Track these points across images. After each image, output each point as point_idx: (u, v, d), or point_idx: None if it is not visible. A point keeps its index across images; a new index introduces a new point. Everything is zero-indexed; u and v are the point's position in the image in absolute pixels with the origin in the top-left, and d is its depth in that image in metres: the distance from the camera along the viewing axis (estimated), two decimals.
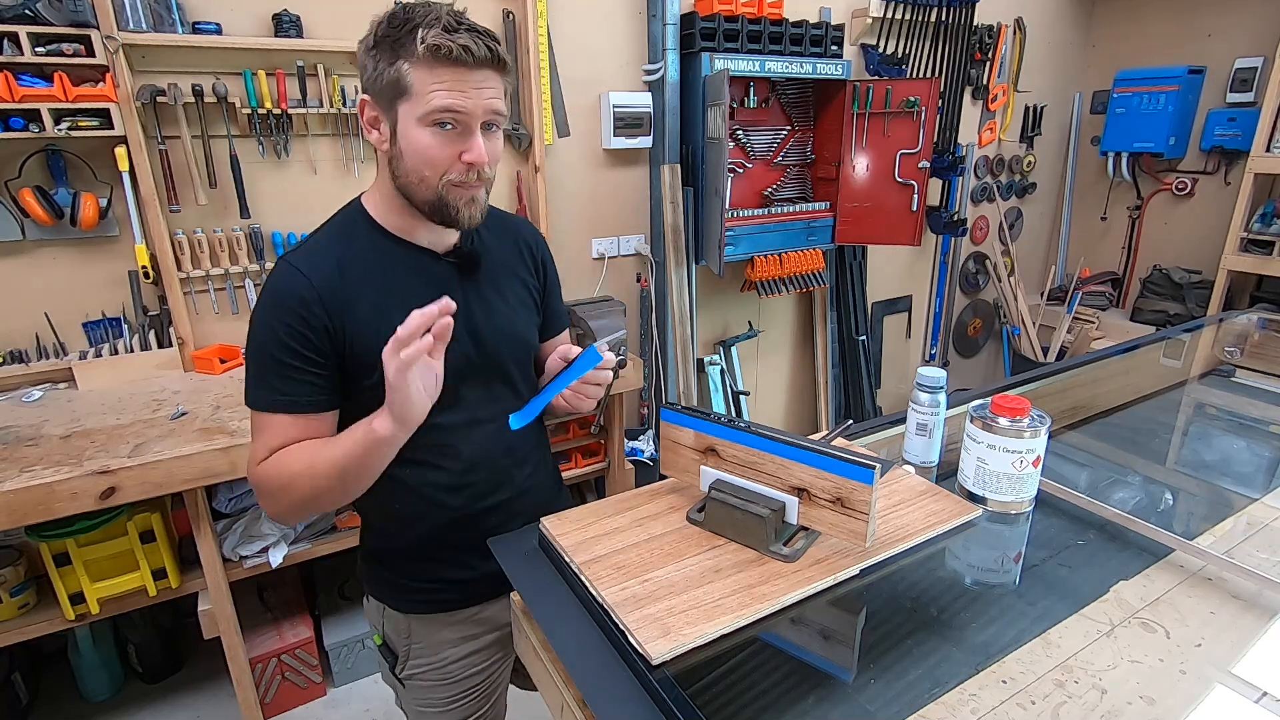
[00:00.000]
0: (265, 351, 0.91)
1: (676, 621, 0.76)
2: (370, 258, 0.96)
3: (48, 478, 1.43)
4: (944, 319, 3.78)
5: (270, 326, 0.90)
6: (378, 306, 0.94)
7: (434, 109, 0.85)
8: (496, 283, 1.06)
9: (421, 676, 1.15)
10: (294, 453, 0.91)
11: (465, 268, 1.02)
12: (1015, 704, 0.70)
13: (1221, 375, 1.71)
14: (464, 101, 0.86)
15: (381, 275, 0.96)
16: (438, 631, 1.13)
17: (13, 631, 1.62)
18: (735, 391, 3.00)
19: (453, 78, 0.85)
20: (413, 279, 0.97)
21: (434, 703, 1.17)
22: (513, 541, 1.00)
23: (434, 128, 0.87)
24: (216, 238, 1.96)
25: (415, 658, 1.14)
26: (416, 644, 1.14)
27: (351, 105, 2.02)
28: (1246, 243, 3.07)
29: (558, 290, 1.20)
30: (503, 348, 1.05)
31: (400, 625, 1.13)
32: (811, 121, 2.85)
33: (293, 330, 0.90)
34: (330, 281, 0.92)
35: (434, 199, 0.91)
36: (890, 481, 1.07)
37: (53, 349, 1.86)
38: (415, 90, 0.85)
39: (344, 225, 1.00)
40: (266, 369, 0.91)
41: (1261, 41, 3.18)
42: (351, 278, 0.94)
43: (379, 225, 0.98)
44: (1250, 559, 0.92)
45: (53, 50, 1.65)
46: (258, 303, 0.93)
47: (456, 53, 0.83)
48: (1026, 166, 3.78)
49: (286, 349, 0.90)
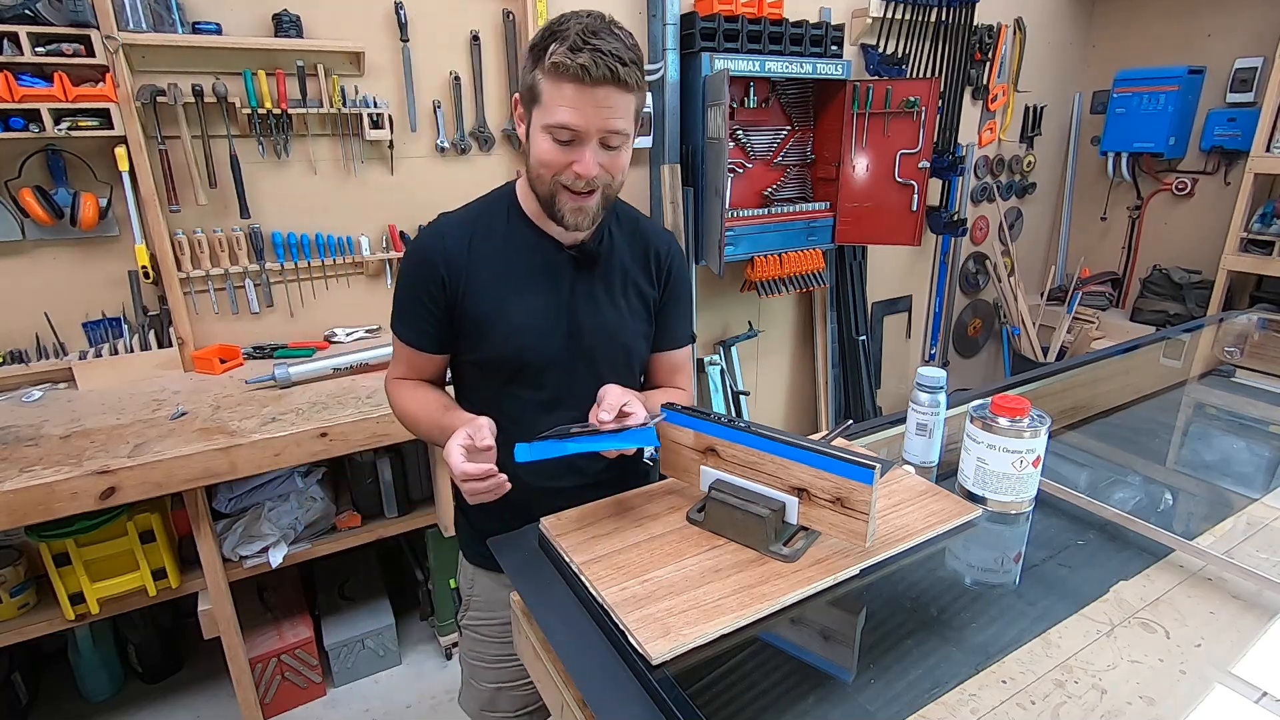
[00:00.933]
0: (402, 292, 1.09)
1: (676, 621, 0.76)
2: (500, 237, 1.08)
3: (48, 478, 1.43)
4: (944, 319, 3.78)
5: (408, 274, 1.08)
6: (496, 280, 1.06)
7: (552, 123, 0.93)
8: (610, 284, 1.12)
9: (477, 629, 1.26)
10: (414, 394, 1.12)
11: (582, 262, 1.09)
12: (1015, 704, 0.70)
13: (1221, 375, 1.71)
14: (578, 119, 0.92)
15: (506, 255, 1.07)
16: (495, 590, 1.22)
17: (13, 631, 1.62)
18: (735, 391, 3.00)
19: (575, 94, 0.91)
20: (533, 262, 1.08)
21: (482, 656, 1.26)
22: (513, 541, 1.00)
23: (551, 135, 0.94)
24: (216, 238, 1.96)
25: (474, 609, 1.26)
26: (477, 596, 1.25)
27: (351, 105, 2.02)
28: (1246, 243, 3.07)
29: (680, 306, 1.21)
30: (598, 345, 1.11)
31: (468, 573, 1.27)
32: (811, 121, 2.85)
33: (420, 282, 1.06)
34: (459, 251, 1.05)
35: (547, 197, 1.00)
36: (890, 481, 1.07)
37: (53, 349, 1.86)
38: (544, 100, 0.94)
39: (492, 202, 1.11)
40: (401, 306, 1.10)
41: (1261, 41, 3.18)
42: (479, 252, 1.06)
43: (520, 208, 1.09)
44: (1250, 559, 0.92)
45: (53, 50, 1.65)
46: (406, 249, 1.13)
47: (575, 70, 0.89)
48: (1026, 166, 3.78)
49: (413, 296, 1.07)
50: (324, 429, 1.68)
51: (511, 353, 1.07)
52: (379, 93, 2.09)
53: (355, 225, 2.16)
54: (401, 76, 2.12)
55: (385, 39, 2.08)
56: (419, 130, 2.18)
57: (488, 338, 1.07)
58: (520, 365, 1.08)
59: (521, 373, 1.09)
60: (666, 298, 1.18)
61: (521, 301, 1.06)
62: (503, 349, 1.07)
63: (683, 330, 1.23)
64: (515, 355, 1.07)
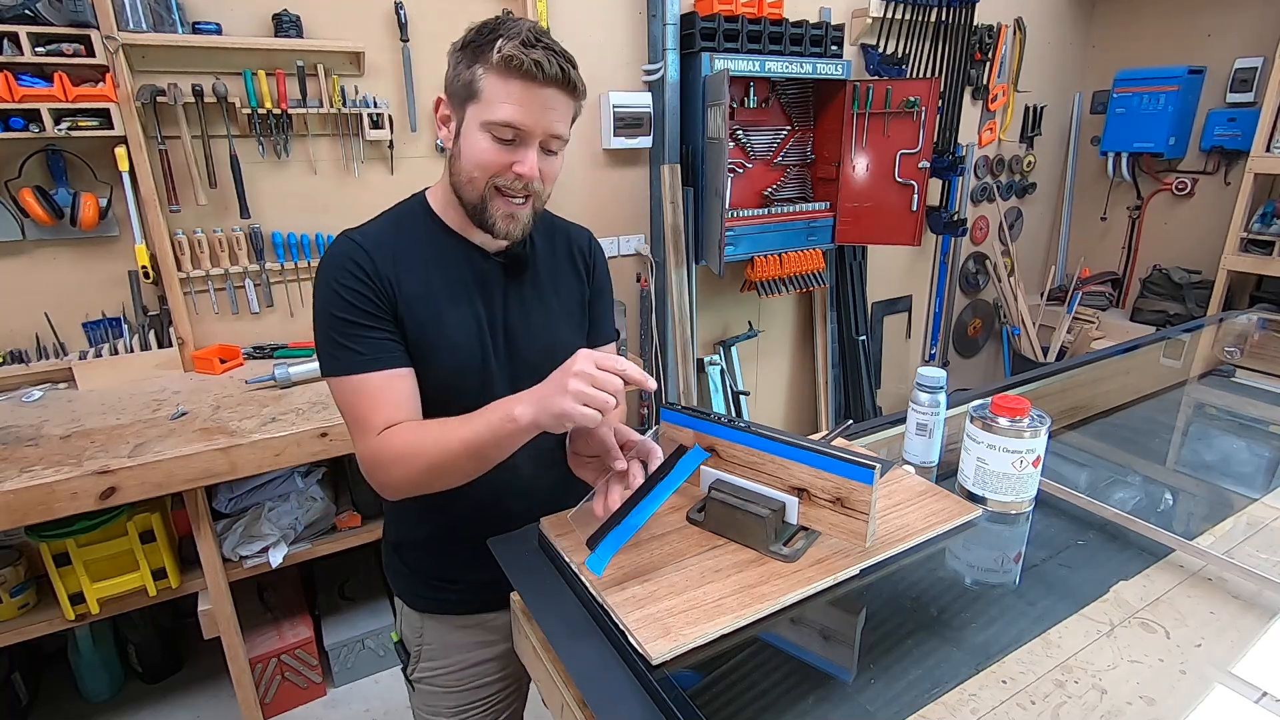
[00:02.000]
0: (333, 316, 0.91)
1: (676, 621, 0.76)
2: (423, 244, 0.99)
3: (48, 478, 1.43)
4: (944, 319, 3.78)
5: (334, 290, 0.91)
6: (425, 287, 0.96)
7: (496, 120, 0.88)
8: (540, 288, 1.07)
9: (431, 680, 1.15)
10: (420, 425, 0.91)
11: (511, 269, 1.03)
12: (1015, 704, 0.70)
13: (1221, 375, 1.71)
14: (525, 118, 0.88)
15: (432, 262, 0.98)
16: (448, 634, 1.13)
17: (13, 631, 1.62)
18: (735, 391, 3.00)
19: (522, 93, 0.87)
20: (460, 270, 1.00)
21: (441, 710, 1.16)
22: (513, 541, 1.00)
23: (490, 134, 0.89)
24: (216, 238, 1.96)
25: (426, 659, 1.14)
26: (428, 645, 1.14)
27: (351, 105, 2.02)
28: (1246, 243, 3.07)
29: (605, 298, 1.17)
30: (535, 352, 1.04)
31: (414, 623, 1.14)
32: (811, 121, 2.85)
33: (354, 290, 0.91)
34: (384, 253, 0.94)
35: (478, 201, 0.93)
36: (890, 481, 1.06)
37: (53, 349, 1.86)
38: (485, 97, 0.88)
39: (403, 214, 1.03)
40: (340, 333, 0.91)
41: (1261, 41, 3.18)
42: (403, 258, 0.96)
43: (437, 218, 1.01)
44: (1250, 559, 0.92)
45: (53, 50, 1.66)
46: (317, 278, 0.95)
47: (528, 66, 0.85)
48: (1026, 166, 3.78)
49: (353, 308, 0.91)
50: (324, 429, 1.68)
51: (453, 371, 0.98)
52: (379, 93, 2.09)
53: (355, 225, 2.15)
54: (401, 76, 2.12)
55: (385, 39, 2.08)
56: (419, 130, 2.18)
57: (427, 357, 0.96)
58: (461, 384, 0.99)
59: (463, 392, 0.98)
60: (594, 293, 1.14)
61: (456, 315, 0.98)
62: (443, 367, 0.97)
63: (609, 325, 1.18)
64: (457, 372, 0.98)
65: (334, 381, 0.93)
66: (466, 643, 1.13)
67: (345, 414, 0.94)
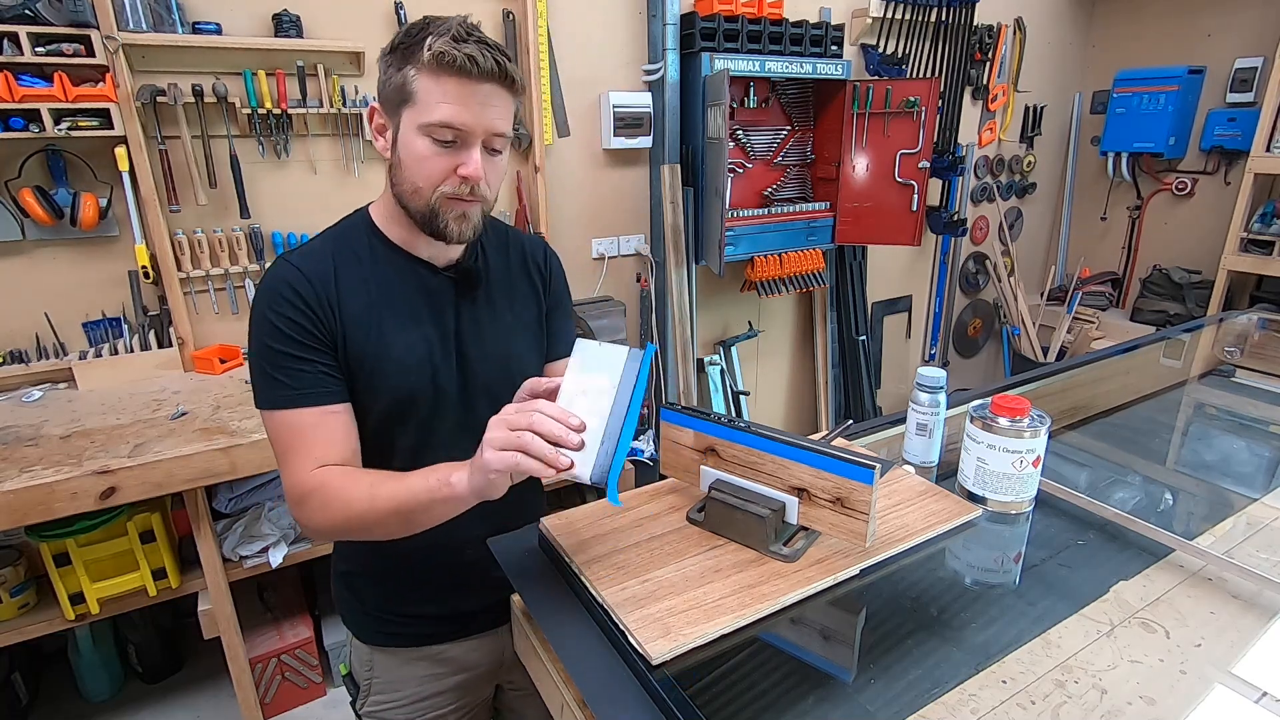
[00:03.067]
0: (267, 346, 0.88)
1: (676, 621, 0.76)
2: (367, 263, 0.94)
3: (48, 478, 1.43)
4: (944, 319, 3.78)
5: (268, 320, 0.87)
6: (370, 310, 0.92)
7: (434, 121, 0.83)
8: (494, 302, 1.03)
9: (382, 714, 1.11)
10: (351, 476, 0.86)
11: (463, 284, 0.99)
12: (1015, 704, 0.70)
13: (1221, 375, 1.71)
14: (464, 116, 0.84)
15: (377, 282, 0.94)
16: (399, 667, 1.09)
17: (13, 631, 1.62)
18: (735, 391, 3.00)
19: (457, 90, 0.83)
20: (408, 289, 0.96)
21: None
22: (513, 541, 1.00)
23: (429, 137, 0.85)
24: (216, 238, 1.96)
25: (376, 693, 1.11)
26: (378, 678, 1.10)
27: (351, 105, 2.02)
28: (1246, 243, 3.07)
29: (564, 310, 1.13)
30: (492, 372, 1.00)
31: (364, 656, 1.10)
32: (811, 121, 2.85)
33: (290, 320, 0.87)
34: (324, 277, 0.90)
35: (426, 210, 0.89)
36: (890, 481, 1.06)
37: (53, 349, 1.86)
38: (419, 98, 0.84)
39: (345, 231, 0.98)
40: (273, 365, 0.88)
41: (1261, 41, 3.18)
42: (345, 279, 0.92)
43: (381, 234, 0.97)
44: (1250, 559, 0.92)
45: (53, 50, 1.65)
46: (254, 304, 0.91)
47: (461, 61, 0.81)
48: (1026, 166, 3.78)
49: (289, 339, 0.87)
50: None
51: (402, 394, 0.94)
52: None
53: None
54: None
55: (385, 39, 2.05)
56: None
57: (371, 380, 0.92)
58: (411, 408, 0.95)
59: (413, 415, 0.94)
60: (552, 304, 1.11)
61: (404, 335, 0.93)
62: (391, 390, 0.93)
63: (569, 336, 1.12)
64: (408, 396, 0.94)
65: (265, 415, 0.89)
66: (418, 675, 1.10)
67: (275, 447, 0.90)
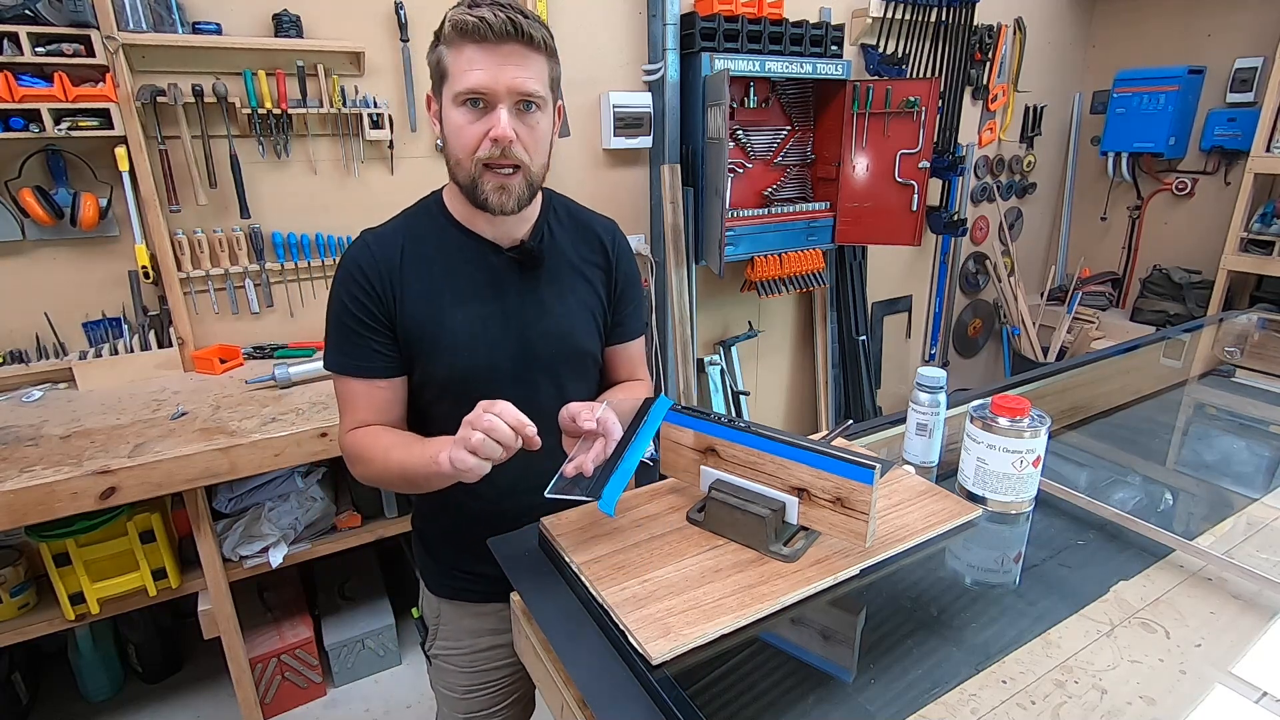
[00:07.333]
0: (337, 318, 0.99)
1: (676, 621, 0.76)
2: (432, 243, 1.01)
3: (48, 478, 1.43)
4: (944, 319, 3.78)
5: (339, 296, 0.98)
6: (431, 288, 0.99)
7: (460, 90, 0.88)
8: (558, 283, 1.05)
9: (446, 659, 1.20)
10: (376, 436, 0.98)
11: (526, 263, 1.02)
12: (1015, 704, 0.70)
13: (1221, 375, 1.71)
14: (485, 79, 0.87)
15: (440, 261, 1.00)
16: (462, 619, 1.17)
17: (13, 631, 1.62)
18: (735, 391, 3.00)
19: (476, 54, 0.86)
20: (470, 268, 1.01)
21: (454, 686, 1.21)
22: (513, 541, 1.00)
23: (463, 107, 0.89)
24: (216, 238, 1.96)
25: (441, 639, 1.20)
26: (443, 626, 1.19)
27: (351, 105, 2.02)
28: (1246, 243, 3.07)
29: (632, 292, 1.14)
30: (555, 353, 1.04)
31: (433, 604, 1.19)
32: (811, 121, 2.85)
33: (355, 299, 0.97)
34: (390, 258, 0.98)
35: (469, 182, 0.93)
36: (890, 481, 1.06)
37: (53, 349, 1.86)
38: (450, 71, 0.89)
39: (418, 210, 1.05)
40: (337, 333, 0.99)
41: (1261, 41, 3.18)
42: (411, 259, 0.99)
43: (449, 213, 1.03)
44: (1250, 559, 0.92)
45: (53, 50, 1.65)
46: (335, 273, 1.01)
47: (474, 25, 0.85)
48: (1026, 166, 3.78)
49: (352, 316, 0.97)
50: (324, 429, 1.68)
51: (457, 370, 0.99)
52: (379, 93, 2.09)
53: (355, 225, 2.11)
54: (401, 76, 2.12)
55: (385, 39, 2.08)
56: (419, 130, 2.18)
57: (427, 354, 0.99)
58: (469, 383, 0.99)
59: (472, 391, 0.96)
60: (620, 287, 1.12)
61: (463, 311, 0.99)
62: (445, 366, 0.99)
63: (638, 319, 1.16)
64: (462, 372, 0.99)
65: (329, 372, 1.02)
66: (479, 629, 1.17)
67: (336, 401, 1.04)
